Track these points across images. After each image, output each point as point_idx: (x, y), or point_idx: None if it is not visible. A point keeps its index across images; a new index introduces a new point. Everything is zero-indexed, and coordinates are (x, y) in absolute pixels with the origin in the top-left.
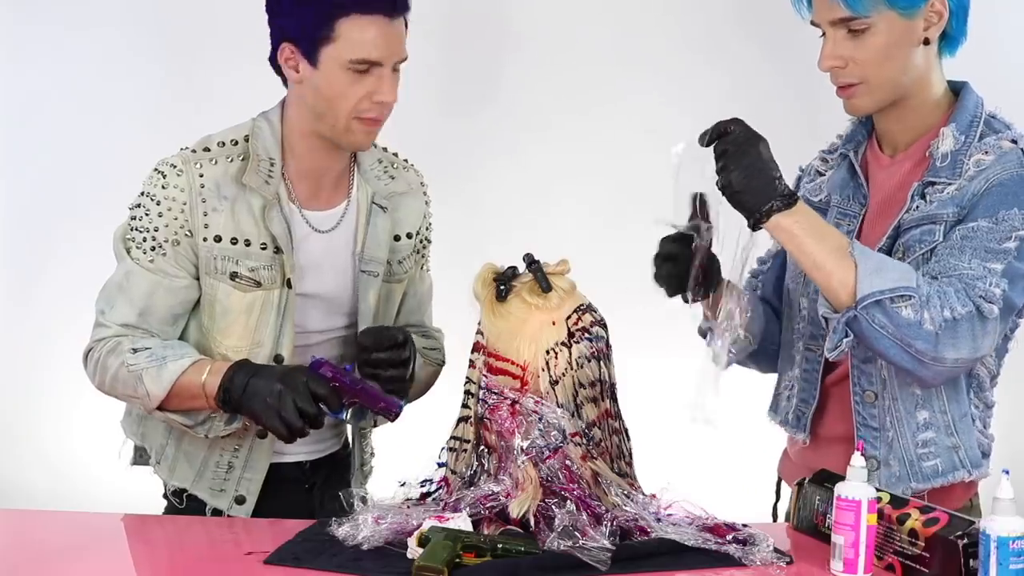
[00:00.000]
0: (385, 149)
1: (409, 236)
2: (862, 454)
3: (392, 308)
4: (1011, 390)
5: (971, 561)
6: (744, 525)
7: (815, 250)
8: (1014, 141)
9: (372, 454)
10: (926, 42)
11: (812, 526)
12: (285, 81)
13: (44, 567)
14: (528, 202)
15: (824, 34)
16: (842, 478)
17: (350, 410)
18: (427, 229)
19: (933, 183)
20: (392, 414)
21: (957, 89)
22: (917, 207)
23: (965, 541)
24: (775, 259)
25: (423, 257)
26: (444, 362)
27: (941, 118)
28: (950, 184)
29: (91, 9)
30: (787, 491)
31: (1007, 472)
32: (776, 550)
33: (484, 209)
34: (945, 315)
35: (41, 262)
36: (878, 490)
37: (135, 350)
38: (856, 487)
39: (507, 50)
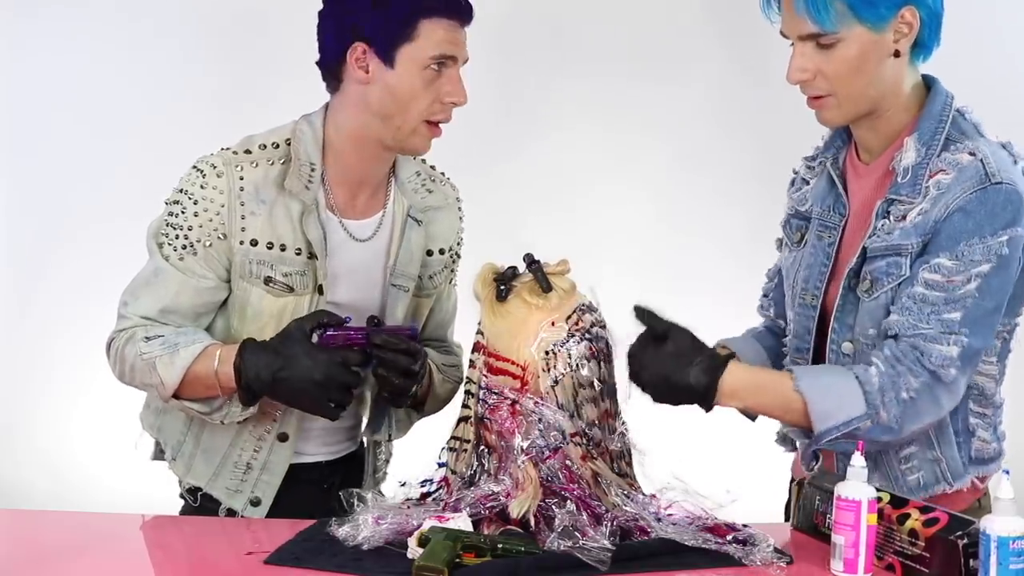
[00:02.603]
0: (423, 161)
1: (442, 252)
2: (862, 454)
3: (419, 322)
4: (1012, 390)
5: (971, 561)
6: (744, 525)
7: (763, 404)
8: (972, 154)
9: (387, 460)
10: (896, 54)
11: (812, 526)
12: (331, 86)
13: (42, 567)
14: (529, 202)
15: (792, 44)
16: (842, 478)
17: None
18: (459, 244)
19: (894, 201)
20: (415, 337)
21: (930, 84)
22: (882, 227)
23: (965, 541)
24: (776, 278)
25: (453, 272)
26: (463, 379)
27: (910, 121)
28: (911, 205)
29: (94, 4)
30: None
31: (1007, 472)
32: (776, 550)
33: (484, 209)
34: (902, 397)
35: (42, 262)
36: (878, 490)
37: (148, 338)
38: (856, 487)
39: (510, 51)
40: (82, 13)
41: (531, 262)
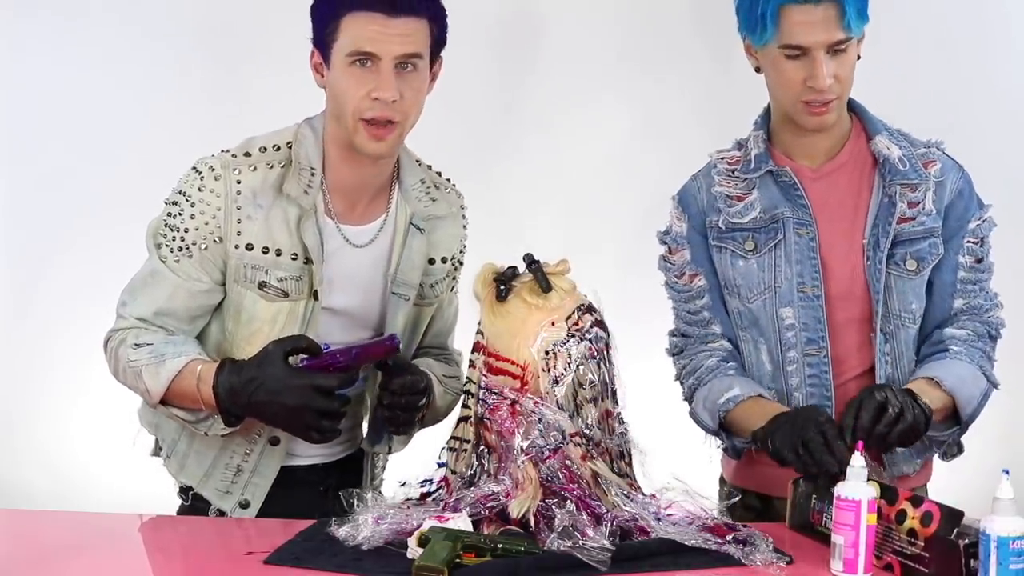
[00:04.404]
0: (430, 167)
1: (444, 260)
2: (862, 454)
3: (420, 330)
4: (1011, 391)
5: (972, 561)
6: (744, 525)
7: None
8: (937, 147)
9: (383, 467)
10: (858, 56)
11: (808, 524)
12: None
13: (43, 567)
14: (529, 202)
15: (798, 56)
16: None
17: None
18: (461, 252)
19: (904, 185)
20: (395, 351)
21: None
22: (906, 214)
23: (966, 541)
24: (710, 293)
25: (454, 280)
26: (462, 391)
27: (851, 126)
28: (922, 187)
29: (94, 6)
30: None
31: (1007, 472)
32: (776, 550)
33: (484, 209)
34: (993, 367)
35: (41, 262)
36: (868, 479)
37: (137, 345)
38: (856, 487)
39: (505, 49)
40: (82, 15)
41: (531, 262)
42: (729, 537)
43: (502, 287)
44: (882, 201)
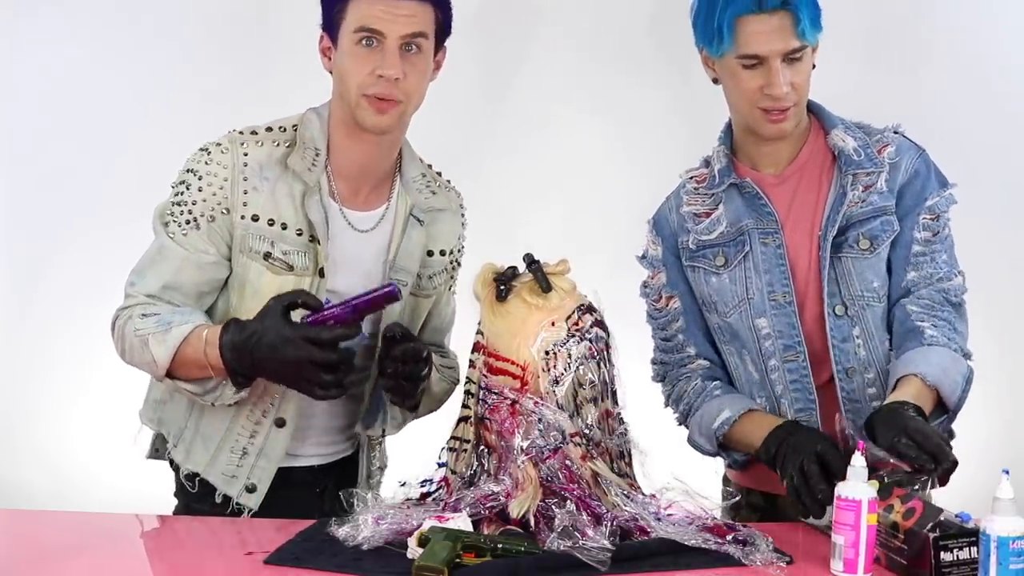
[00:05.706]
0: (430, 166)
1: (443, 253)
2: (863, 454)
3: (417, 322)
4: (1011, 391)
5: (941, 554)
6: (744, 525)
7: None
8: (895, 131)
9: (381, 468)
10: (813, 65)
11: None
12: None
13: (43, 567)
14: (529, 202)
15: (754, 66)
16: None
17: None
18: (459, 251)
19: (858, 174)
20: (395, 298)
21: None
22: (860, 199)
23: (936, 534)
24: (684, 316)
25: (452, 279)
26: (458, 381)
27: (808, 129)
28: (876, 174)
29: (94, 4)
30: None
31: (1007, 472)
32: (776, 550)
33: (484, 209)
34: (965, 340)
35: (41, 262)
36: (871, 475)
37: (144, 315)
38: (856, 487)
39: (498, 47)
40: (82, 13)
41: (531, 262)
42: (729, 537)
43: (502, 287)
44: (837, 193)
